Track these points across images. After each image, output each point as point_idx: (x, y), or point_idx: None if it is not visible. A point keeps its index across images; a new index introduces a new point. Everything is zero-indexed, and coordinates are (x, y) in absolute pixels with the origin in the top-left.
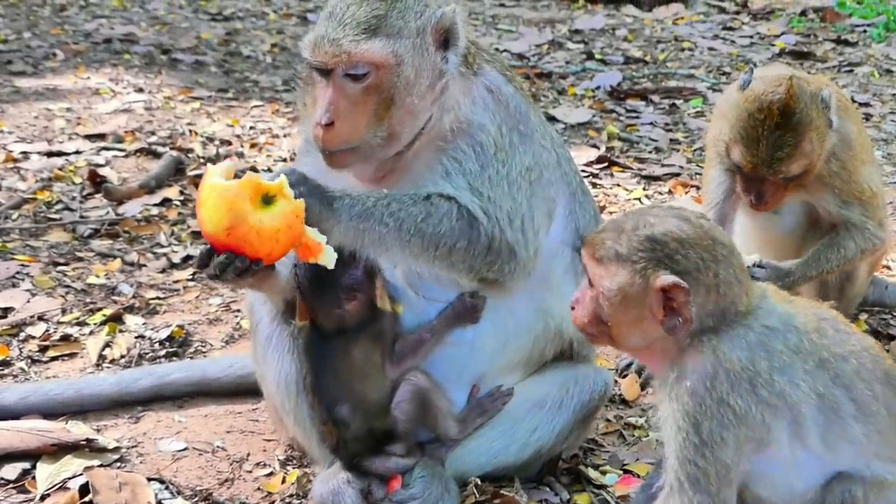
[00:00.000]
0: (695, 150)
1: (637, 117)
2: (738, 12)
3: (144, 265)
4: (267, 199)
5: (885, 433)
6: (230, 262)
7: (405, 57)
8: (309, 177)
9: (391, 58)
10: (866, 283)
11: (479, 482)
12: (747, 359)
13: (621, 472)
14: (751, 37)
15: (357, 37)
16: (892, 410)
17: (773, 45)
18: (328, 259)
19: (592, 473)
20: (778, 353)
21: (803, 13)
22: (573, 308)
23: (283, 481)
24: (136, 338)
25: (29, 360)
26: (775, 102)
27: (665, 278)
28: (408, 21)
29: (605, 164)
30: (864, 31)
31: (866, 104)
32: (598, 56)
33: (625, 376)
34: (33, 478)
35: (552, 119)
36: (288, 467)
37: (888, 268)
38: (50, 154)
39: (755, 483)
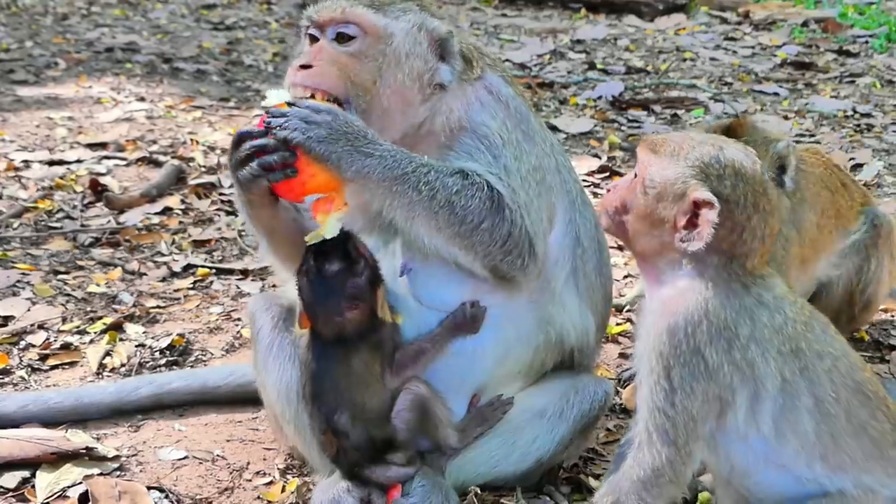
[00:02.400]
0: None
1: (639, 127)
2: (739, 23)
3: (145, 274)
4: None
5: (839, 439)
6: (278, 149)
7: (396, 37)
8: (344, 119)
9: (381, 30)
10: (882, 304)
11: (479, 491)
12: (732, 320)
13: None
14: (752, 47)
15: (357, 3)
16: (853, 419)
17: (775, 55)
18: (334, 228)
19: (593, 483)
20: (761, 325)
21: (805, 24)
22: (609, 192)
23: (283, 490)
24: (137, 346)
25: (29, 369)
26: (722, 125)
27: (703, 192)
28: (407, 12)
29: (607, 173)
30: (866, 42)
31: (868, 115)
32: (599, 66)
33: (626, 386)
34: (33, 486)
35: (554, 129)
36: (288, 476)
37: None
38: (51, 163)
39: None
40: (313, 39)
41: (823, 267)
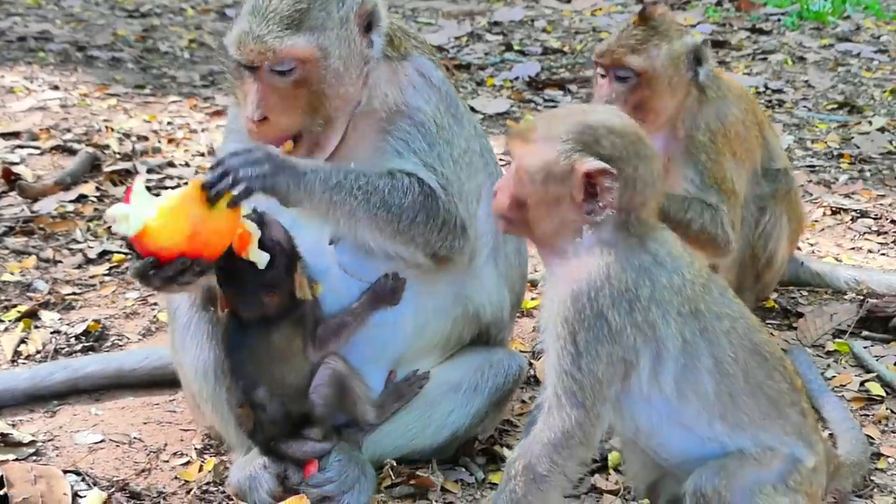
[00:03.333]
0: None
1: (555, 106)
2: (655, 3)
3: (60, 261)
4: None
5: (737, 398)
6: (186, 268)
7: (331, 49)
8: (274, 153)
9: (317, 51)
10: (784, 268)
11: (396, 464)
12: (633, 282)
13: None
14: None
15: (281, 33)
16: (750, 379)
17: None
18: (261, 259)
19: (507, 454)
20: (661, 286)
21: (719, 3)
22: (496, 195)
23: (201, 469)
24: (52, 333)
25: None
26: (639, 10)
27: (592, 163)
28: (331, 12)
29: None
30: (778, 20)
31: (779, 90)
32: (516, 47)
33: (540, 359)
34: None
35: (471, 110)
36: (205, 456)
37: (799, 248)
38: None
39: None
40: (249, 67)
41: (743, 179)
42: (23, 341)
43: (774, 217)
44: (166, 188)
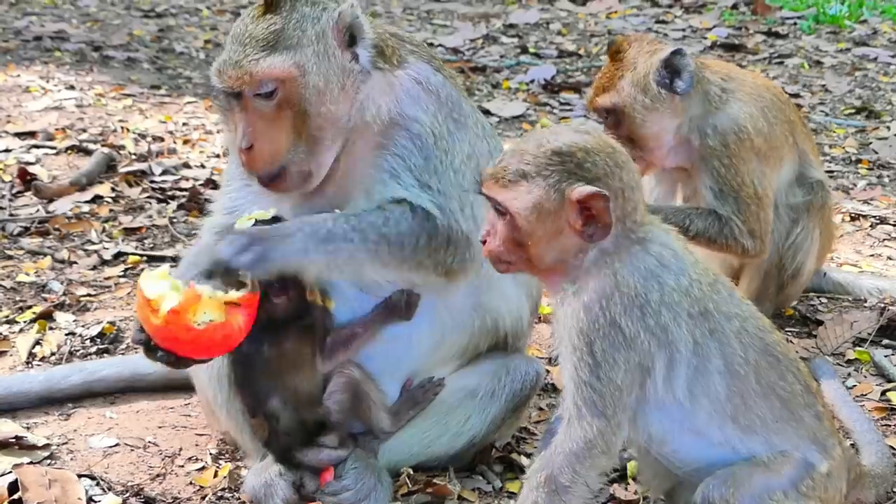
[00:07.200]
0: None
1: (570, 110)
2: (670, 6)
3: (75, 262)
4: None
5: (748, 400)
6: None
7: (308, 66)
8: (255, 229)
9: (294, 69)
10: (809, 280)
11: (412, 472)
12: (641, 286)
13: None
14: (683, 30)
15: (256, 55)
16: (761, 380)
17: (706, 38)
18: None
19: (525, 461)
20: (669, 289)
21: (734, 6)
22: (484, 242)
23: (216, 475)
24: (67, 335)
25: None
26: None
27: (582, 189)
28: (305, 29)
29: None
30: (795, 24)
31: (796, 95)
32: (532, 50)
33: (556, 365)
34: None
35: (487, 112)
36: (220, 461)
37: None
38: None
39: None
40: (233, 95)
41: (771, 181)
42: (38, 343)
43: (807, 230)
44: (182, 190)
